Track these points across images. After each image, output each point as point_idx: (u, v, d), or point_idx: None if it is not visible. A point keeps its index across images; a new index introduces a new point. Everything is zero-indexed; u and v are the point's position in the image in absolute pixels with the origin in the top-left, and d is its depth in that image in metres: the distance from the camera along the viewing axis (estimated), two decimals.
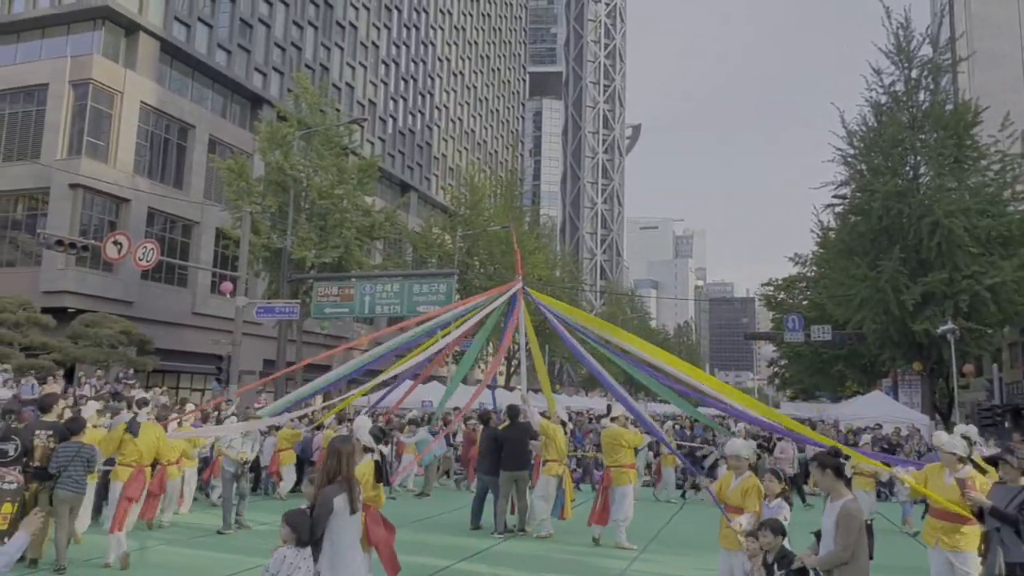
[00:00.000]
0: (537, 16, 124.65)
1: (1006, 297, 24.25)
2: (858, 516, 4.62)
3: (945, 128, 25.57)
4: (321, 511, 4.60)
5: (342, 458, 4.79)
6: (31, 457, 7.56)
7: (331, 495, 4.64)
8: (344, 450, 4.83)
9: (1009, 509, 5.18)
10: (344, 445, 4.88)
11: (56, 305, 27.48)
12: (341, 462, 4.77)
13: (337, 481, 4.71)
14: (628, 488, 10.15)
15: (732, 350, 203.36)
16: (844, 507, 4.64)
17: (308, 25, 46.67)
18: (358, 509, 4.85)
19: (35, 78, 31.28)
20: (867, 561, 4.67)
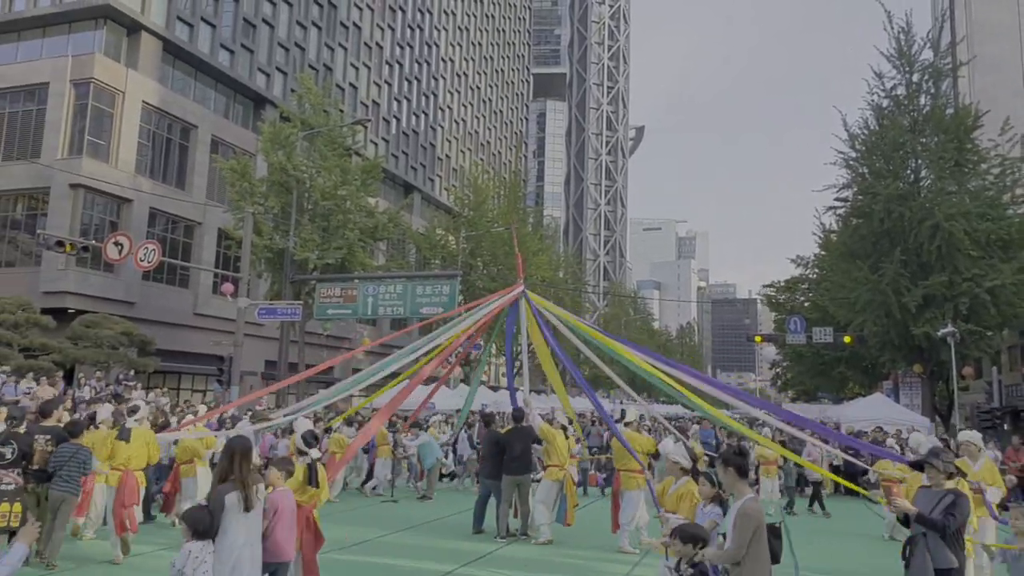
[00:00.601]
0: (541, 17, 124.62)
1: (1005, 300, 24.30)
2: (754, 516, 4.53)
3: (946, 132, 25.62)
4: (215, 507, 4.92)
5: (234, 458, 4.99)
6: (30, 460, 7.85)
7: (222, 493, 4.93)
8: (237, 450, 5.01)
9: (934, 514, 5.10)
10: (238, 445, 5.06)
11: (56, 306, 27.49)
12: (233, 462, 4.99)
13: (230, 480, 4.94)
14: (636, 493, 10.05)
15: (734, 351, 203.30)
16: (741, 506, 4.61)
17: (312, 25, 46.70)
18: (252, 507, 5.01)
19: (36, 77, 31.29)
20: (767, 564, 4.55)
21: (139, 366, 25.78)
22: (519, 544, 10.48)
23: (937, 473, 5.28)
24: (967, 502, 5.21)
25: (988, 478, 8.09)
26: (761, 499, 7.88)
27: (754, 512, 4.59)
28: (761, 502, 6.18)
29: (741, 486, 4.74)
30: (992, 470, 8.27)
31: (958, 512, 5.10)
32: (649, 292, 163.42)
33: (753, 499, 4.69)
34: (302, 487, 6.44)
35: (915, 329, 24.44)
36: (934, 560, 5.05)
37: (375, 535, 10.76)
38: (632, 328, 68.78)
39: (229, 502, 4.91)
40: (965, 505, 5.17)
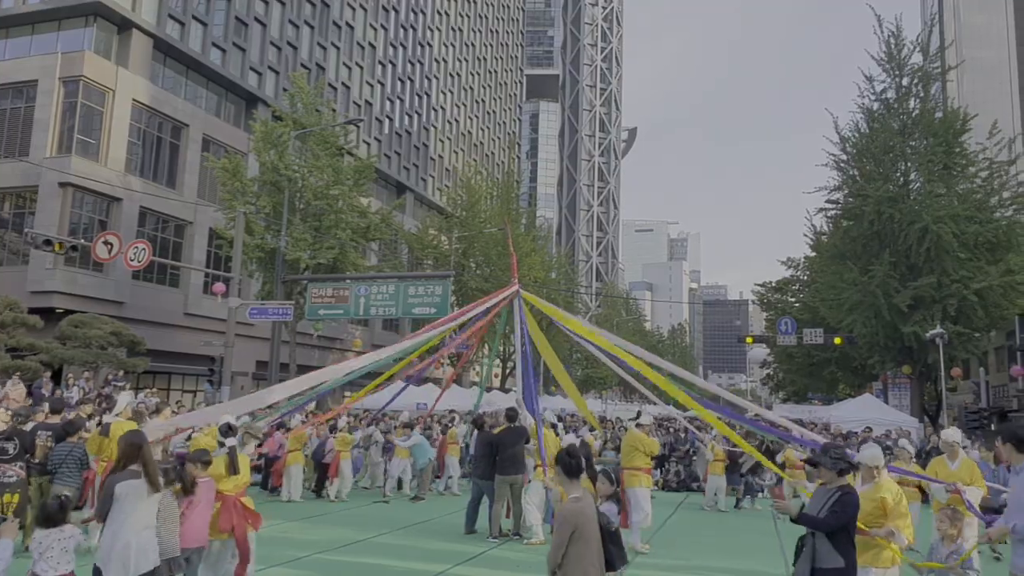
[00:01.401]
0: (534, 19, 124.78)
1: (993, 301, 24.57)
2: (570, 519, 4.37)
3: (935, 135, 25.88)
4: (105, 495, 5.34)
5: (130, 449, 5.35)
6: (32, 455, 8.51)
7: (113, 482, 5.31)
8: (135, 442, 5.37)
9: (821, 513, 5.01)
10: (133, 438, 5.42)
11: (44, 305, 27.25)
12: (129, 454, 5.35)
13: (129, 469, 5.29)
14: (639, 490, 10.32)
15: (725, 352, 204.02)
16: (560, 509, 4.55)
17: (304, 24, 46.55)
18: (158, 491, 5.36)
19: (24, 74, 31.01)
20: (592, 569, 4.39)
21: (128, 366, 25.58)
22: (511, 544, 10.48)
23: (826, 471, 5.17)
24: (852, 499, 5.02)
25: (966, 477, 7.96)
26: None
27: (571, 515, 4.41)
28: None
29: (569, 486, 4.61)
30: (971, 469, 8.14)
31: (841, 509, 4.97)
32: (641, 293, 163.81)
33: (575, 500, 4.51)
34: (225, 476, 6.72)
35: (904, 329, 24.65)
36: (819, 560, 4.93)
37: (367, 536, 10.74)
38: (624, 329, 68.89)
39: (122, 490, 5.18)
40: (850, 502, 5.01)
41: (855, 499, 5.07)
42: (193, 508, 6.05)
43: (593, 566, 4.37)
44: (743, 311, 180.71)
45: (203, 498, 6.20)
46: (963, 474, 7.97)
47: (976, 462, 15.87)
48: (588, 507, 4.49)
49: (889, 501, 5.64)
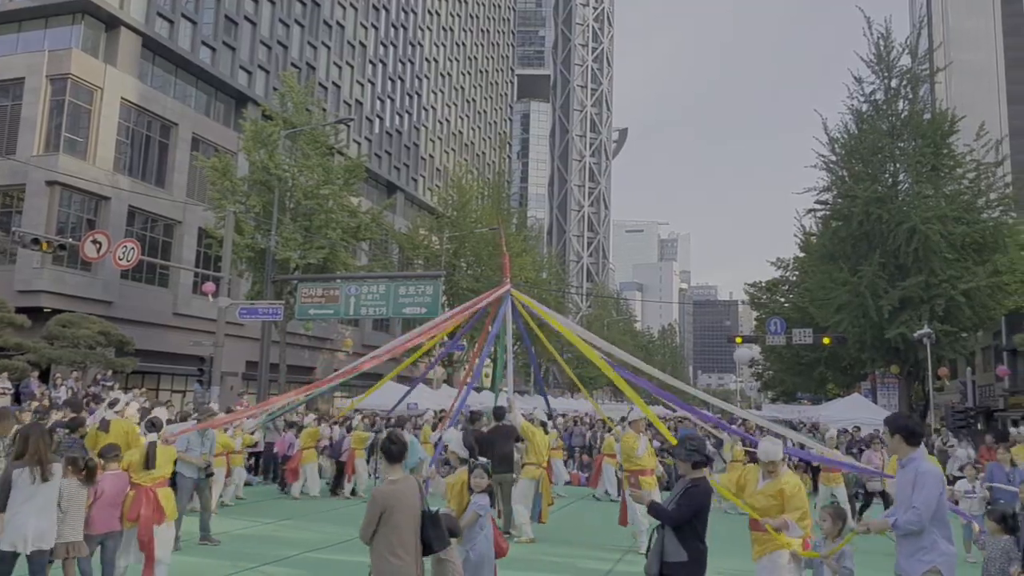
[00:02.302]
0: (525, 18, 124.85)
1: (980, 302, 24.79)
2: (379, 500, 4.63)
3: (923, 137, 26.09)
4: (3, 484, 5.87)
5: (28, 441, 5.91)
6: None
7: (10, 470, 5.89)
8: (32, 433, 6.00)
9: (671, 505, 5.02)
10: (34, 429, 6.09)
11: (32, 305, 27.03)
12: (27, 443, 5.90)
13: (23, 459, 5.85)
14: (646, 492, 10.28)
15: (715, 352, 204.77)
16: (374, 491, 4.86)
17: (294, 23, 46.39)
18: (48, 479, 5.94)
19: (11, 72, 30.73)
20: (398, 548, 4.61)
21: (117, 366, 25.42)
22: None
23: (682, 463, 5.16)
24: (700, 492, 4.98)
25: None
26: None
27: (380, 497, 4.65)
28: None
29: (389, 470, 4.86)
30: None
31: (687, 503, 4.96)
32: (631, 293, 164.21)
33: (391, 483, 4.75)
34: (140, 468, 7.18)
35: (888, 332, 24.83)
36: (667, 553, 4.93)
37: (357, 534, 10.71)
38: (615, 329, 69.07)
39: (16, 476, 5.82)
40: (698, 495, 4.97)
41: (704, 492, 5.03)
42: (100, 497, 6.65)
43: (403, 547, 4.58)
44: (733, 311, 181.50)
45: (109, 488, 6.78)
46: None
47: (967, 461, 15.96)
48: (401, 491, 4.68)
49: (787, 493, 5.65)
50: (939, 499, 4.77)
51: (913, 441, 4.95)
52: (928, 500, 4.74)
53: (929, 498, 4.73)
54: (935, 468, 4.95)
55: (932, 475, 4.81)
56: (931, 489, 4.75)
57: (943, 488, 4.90)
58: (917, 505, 4.75)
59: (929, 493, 4.75)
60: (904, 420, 5.11)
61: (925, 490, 4.76)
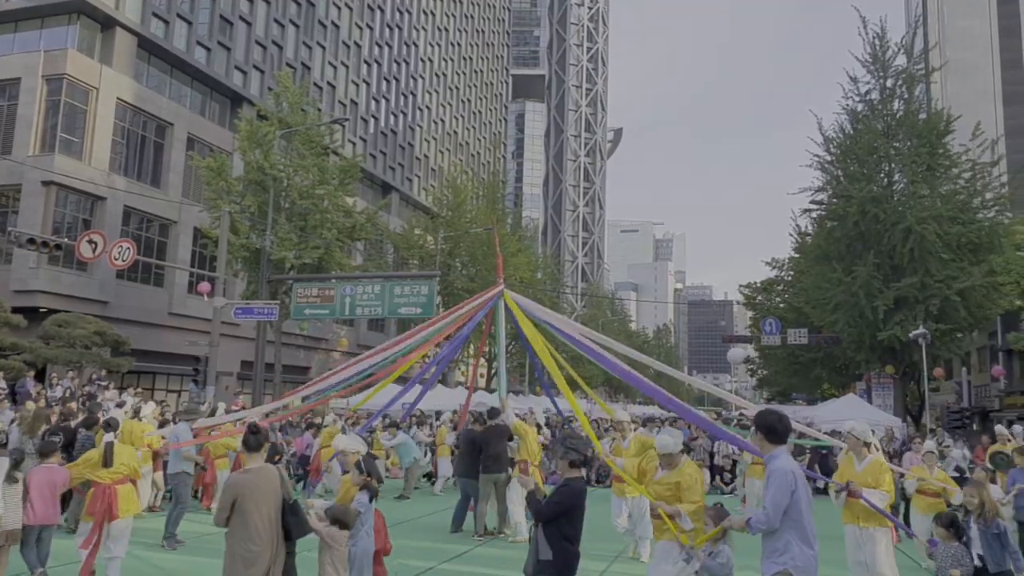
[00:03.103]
0: (520, 18, 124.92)
1: (975, 302, 24.82)
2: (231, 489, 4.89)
3: (918, 136, 26.12)
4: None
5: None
6: (73, 447, 10.03)
7: None
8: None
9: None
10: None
11: (27, 304, 26.97)
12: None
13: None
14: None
15: (710, 352, 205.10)
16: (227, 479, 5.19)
17: (289, 23, 46.35)
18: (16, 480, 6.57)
19: (7, 72, 30.66)
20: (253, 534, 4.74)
21: (113, 366, 25.38)
22: (496, 542, 10.51)
23: (560, 461, 5.20)
24: (569, 492, 5.03)
25: (871, 480, 6.90)
26: None
27: (233, 485, 4.84)
28: None
29: (247, 459, 4.99)
30: (877, 471, 6.98)
31: (556, 500, 5.01)
32: (626, 294, 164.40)
33: (245, 472, 4.94)
34: (99, 466, 7.50)
35: (881, 334, 24.86)
36: (540, 551, 4.99)
37: None
38: (610, 329, 69.10)
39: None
40: (567, 495, 5.02)
41: (573, 492, 5.04)
42: (29, 491, 7.07)
43: (256, 533, 4.75)
44: (728, 311, 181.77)
45: (37, 481, 7.19)
46: (867, 476, 6.93)
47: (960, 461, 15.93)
48: (256, 479, 4.85)
49: (683, 485, 5.69)
50: (793, 499, 4.58)
51: (774, 439, 4.81)
52: (776, 500, 4.59)
53: (777, 497, 4.59)
54: (788, 467, 4.69)
55: (782, 473, 4.63)
56: (780, 488, 4.59)
57: (797, 487, 4.62)
58: (766, 504, 4.65)
59: (777, 492, 4.60)
60: (768, 417, 4.90)
61: (772, 489, 4.64)
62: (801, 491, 4.65)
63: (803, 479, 4.72)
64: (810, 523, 4.67)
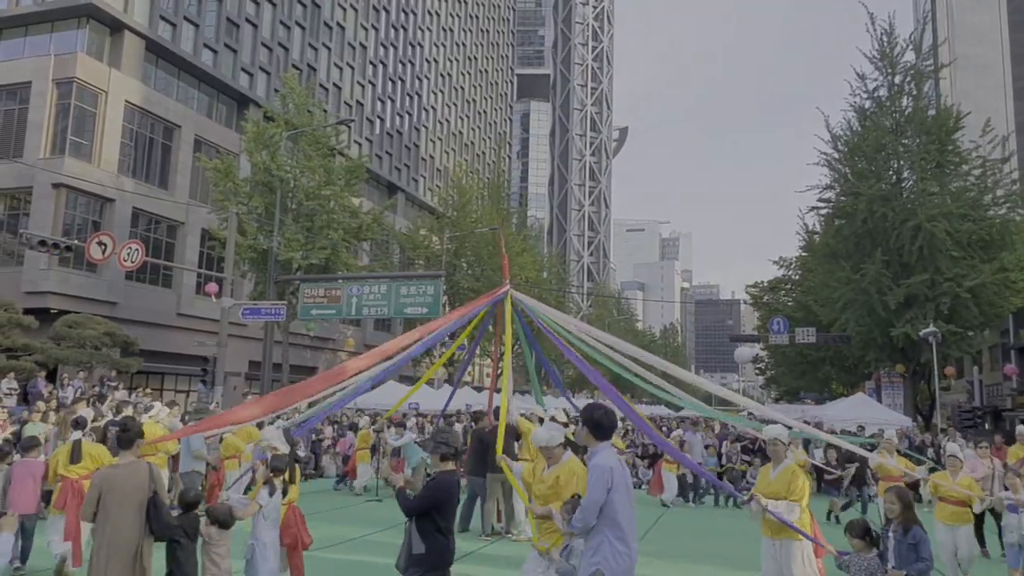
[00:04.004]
0: (525, 18, 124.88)
1: (986, 300, 24.61)
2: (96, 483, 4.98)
3: (928, 133, 25.94)
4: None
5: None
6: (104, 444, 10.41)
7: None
8: None
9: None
10: None
11: (38, 306, 27.16)
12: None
13: None
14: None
15: (718, 352, 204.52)
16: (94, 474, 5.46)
17: (295, 25, 46.48)
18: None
19: (18, 76, 30.91)
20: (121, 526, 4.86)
21: (122, 366, 25.53)
22: (503, 542, 10.51)
23: (431, 454, 5.28)
24: (436, 486, 5.10)
25: (782, 490, 6.09)
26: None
27: (98, 479, 5.02)
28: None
29: (120, 455, 5.09)
30: (788, 479, 6.16)
31: (424, 494, 5.10)
32: (632, 293, 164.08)
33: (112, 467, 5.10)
34: (67, 462, 7.94)
35: (894, 331, 24.70)
36: (413, 545, 5.02)
37: (360, 534, 10.75)
38: (616, 329, 69.01)
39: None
40: (434, 488, 5.09)
41: (442, 485, 5.09)
42: (16, 482, 7.58)
43: (119, 529, 4.84)
44: (735, 310, 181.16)
45: (18, 473, 7.72)
46: (778, 484, 6.17)
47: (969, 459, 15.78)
48: (121, 475, 4.98)
49: (561, 481, 5.57)
50: (609, 496, 4.46)
51: (599, 434, 4.67)
52: (591, 497, 4.49)
53: (593, 495, 4.48)
54: (606, 463, 4.55)
55: (600, 470, 4.51)
56: (595, 485, 4.48)
57: (614, 484, 4.49)
58: (583, 502, 4.57)
59: (593, 489, 4.49)
60: (594, 412, 4.74)
61: (589, 486, 4.55)
62: (619, 488, 4.51)
63: (623, 475, 4.58)
64: (628, 521, 4.53)
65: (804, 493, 6.02)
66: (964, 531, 8.28)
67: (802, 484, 6.06)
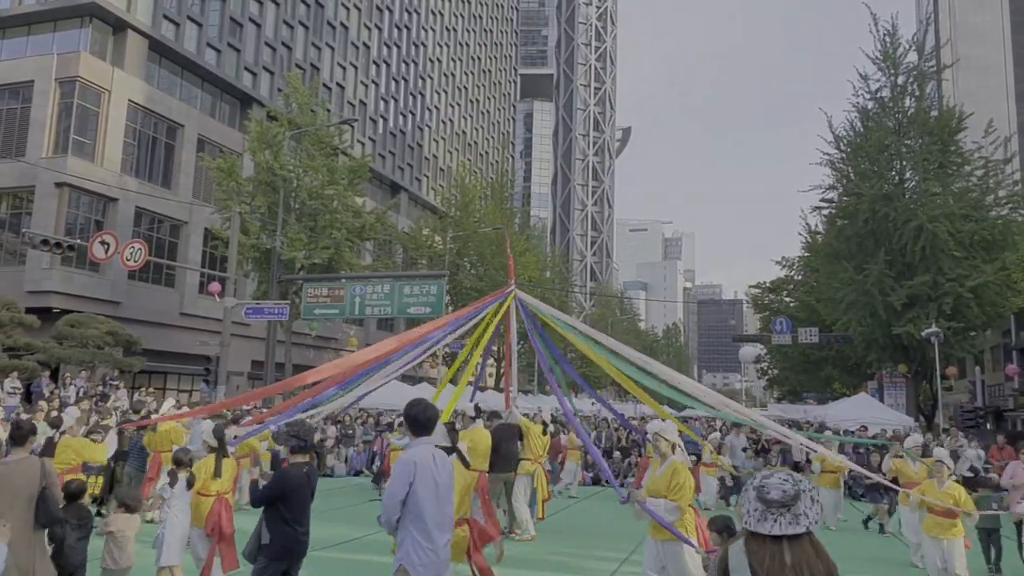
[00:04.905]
0: (528, 18, 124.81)
1: (988, 300, 24.61)
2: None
3: (930, 134, 25.93)
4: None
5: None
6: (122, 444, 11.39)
7: None
8: None
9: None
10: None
11: (41, 305, 27.22)
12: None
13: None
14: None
15: (720, 352, 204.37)
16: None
17: (299, 25, 46.52)
18: None
19: (21, 75, 30.98)
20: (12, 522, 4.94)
21: (125, 366, 25.58)
22: (507, 542, 10.50)
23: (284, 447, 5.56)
24: (279, 479, 5.34)
25: (663, 488, 5.94)
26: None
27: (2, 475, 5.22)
28: None
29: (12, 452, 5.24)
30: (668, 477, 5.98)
31: (268, 485, 5.35)
32: (635, 293, 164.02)
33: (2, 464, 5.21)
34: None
35: (897, 329, 24.70)
36: (260, 535, 5.28)
37: (362, 533, 10.76)
38: (619, 329, 69.01)
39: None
40: (281, 479, 5.32)
41: (288, 477, 5.28)
42: None
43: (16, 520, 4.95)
44: (738, 310, 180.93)
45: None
46: (659, 483, 6.02)
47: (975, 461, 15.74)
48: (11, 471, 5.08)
49: None
50: (411, 490, 4.45)
51: (417, 430, 4.75)
52: (391, 490, 4.54)
53: (393, 488, 4.52)
54: (411, 457, 4.57)
55: (403, 464, 4.55)
56: (396, 479, 4.53)
57: (416, 478, 4.48)
58: (384, 496, 4.67)
59: (394, 483, 4.54)
60: (411, 409, 4.79)
61: (391, 481, 4.62)
62: (423, 482, 4.49)
63: (429, 469, 4.54)
64: (433, 515, 4.50)
65: (685, 492, 5.86)
66: (954, 545, 7.60)
67: (683, 483, 5.89)
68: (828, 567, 2.52)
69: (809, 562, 2.49)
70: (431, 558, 4.46)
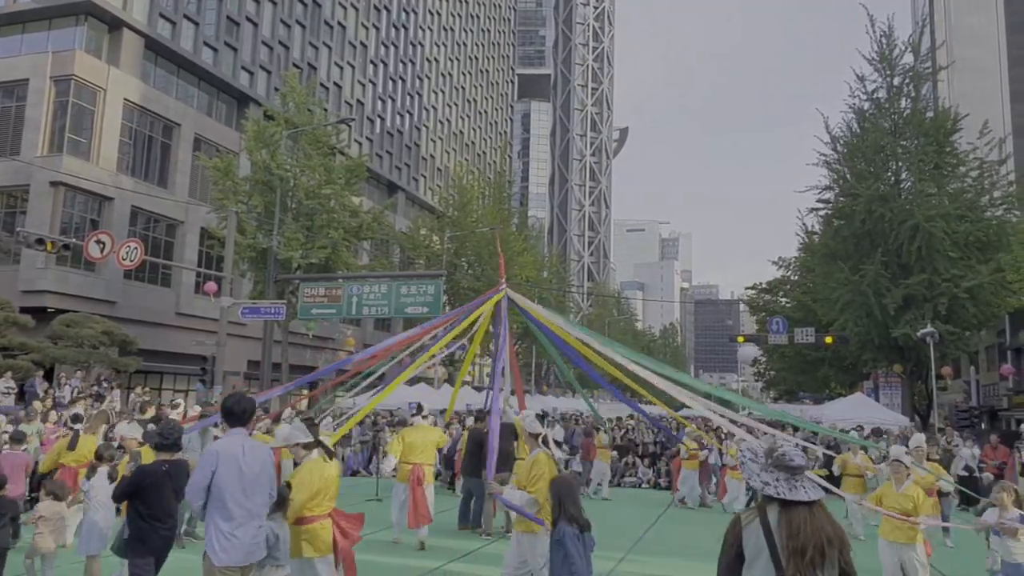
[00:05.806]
0: (526, 18, 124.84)
1: (983, 300, 24.72)
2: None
3: (926, 135, 26.03)
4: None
5: None
6: None
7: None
8: None
9: None
10: None
11: (36, 305, 27.13)
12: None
13: None
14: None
15: (717, 351, 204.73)
16: None
17: (296, 24, 46.45)
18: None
19: (15, 73, 30.86)
20: None
21: (120, 366, 25.51)
22: (504, 541, 10.50)
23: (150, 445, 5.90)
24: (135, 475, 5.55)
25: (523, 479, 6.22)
26: None
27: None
28: None
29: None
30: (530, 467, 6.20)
31: (125, 480, 5.65)
32: (632, 293, 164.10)
33: None
34: (63, 451, 9.15)
35: (895, 331, 24.76)
36: (124, 530, 5.62)
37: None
38: (616, 329, 69.08)
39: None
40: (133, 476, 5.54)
41: (144, 473, 5.49)
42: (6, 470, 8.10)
43: None
44: (735, 310, 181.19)
45: (5, 463, 8.57)
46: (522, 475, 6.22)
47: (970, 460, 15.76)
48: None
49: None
50: (214, 479, 4.65)
51: (232, 421, 4.92)
52: (193, 479, 4.75)
53: (195, 477, 4.72)
54: (215, 448, 4.82)
55: (206, 454, 4.83)
56: (199, 467, 4.74)
57: (219, 466, 4.66)
58: (188, 484, 4.86)
59: (196, 472, 4.75)
60: (226, 401, 4.99)
61: (195, 469, 4.82)
62: (226, 471, 4.68)
63: (235, 459, 4.72)
64: (237, 502, 4.69)
65: (542, 484, 5.87)
66: (912, 552, 6.75)
67: (541, 474, 5.95)
68: (837, 529, 2.64)
69: (830, 522, 2.63)
70: (233, 543, 4.67)
